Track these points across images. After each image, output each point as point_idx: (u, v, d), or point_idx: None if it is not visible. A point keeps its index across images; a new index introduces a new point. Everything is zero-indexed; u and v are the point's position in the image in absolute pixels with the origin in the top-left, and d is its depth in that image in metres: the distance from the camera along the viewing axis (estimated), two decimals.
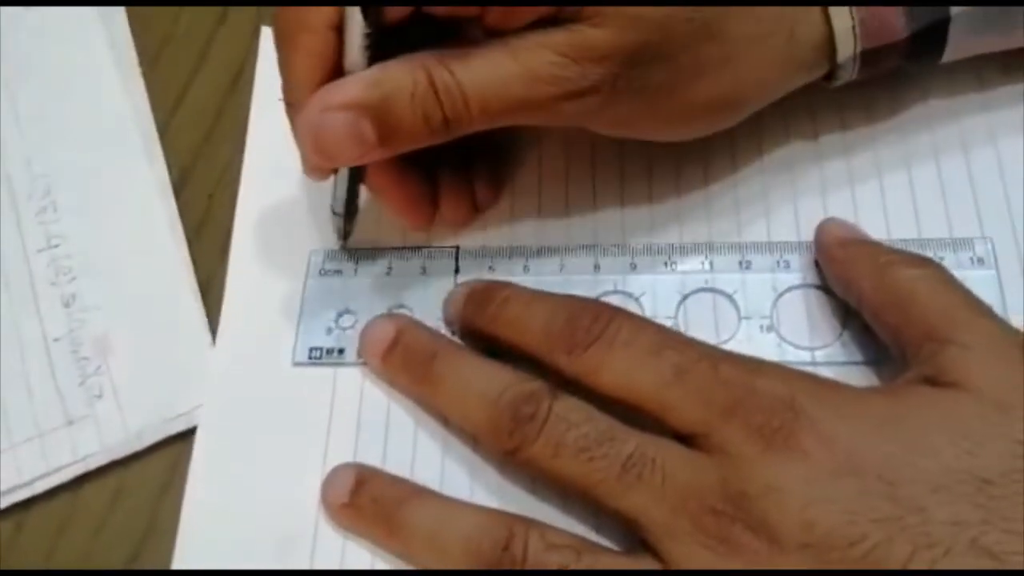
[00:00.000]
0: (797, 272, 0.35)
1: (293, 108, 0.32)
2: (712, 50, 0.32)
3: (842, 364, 0.33)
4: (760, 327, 0.34)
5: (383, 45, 0.31)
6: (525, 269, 0.36)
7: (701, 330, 0.34)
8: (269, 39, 0.42)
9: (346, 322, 0.36)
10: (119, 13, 0.44)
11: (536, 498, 0.32)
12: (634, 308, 0.35)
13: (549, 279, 0.36)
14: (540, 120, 0.32)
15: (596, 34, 0.30)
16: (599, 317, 0.31)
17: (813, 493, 0.27)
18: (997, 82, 0.38)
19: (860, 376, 0.33)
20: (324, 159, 0.31)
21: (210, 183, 0.40)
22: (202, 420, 0.35)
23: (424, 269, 0.37)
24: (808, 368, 0.31)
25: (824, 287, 0.34)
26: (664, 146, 0.36)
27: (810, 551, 0.26)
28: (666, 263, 0.36)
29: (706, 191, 0.37)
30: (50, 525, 0.34)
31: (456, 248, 0.37)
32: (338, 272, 0.37)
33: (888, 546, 0.26)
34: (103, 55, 0.43)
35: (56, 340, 0.37)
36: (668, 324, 0.34)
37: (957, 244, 0.35)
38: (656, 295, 0.35)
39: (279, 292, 0.37)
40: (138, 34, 0.43)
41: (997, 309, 0.30)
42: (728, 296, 0.35)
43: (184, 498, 0.33)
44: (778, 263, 0.35)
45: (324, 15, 0.31)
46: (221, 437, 0.34)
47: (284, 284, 0.37)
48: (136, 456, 0.35)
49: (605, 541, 0.31)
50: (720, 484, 0.28)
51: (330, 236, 0.37)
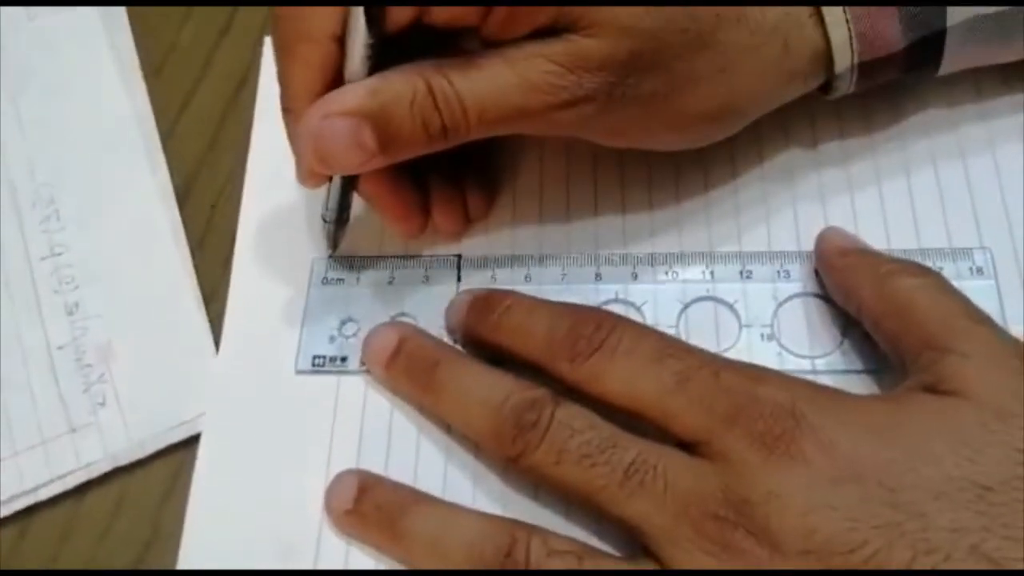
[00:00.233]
0: (797, 281, 0.35)
1: (291, 115, 0.33)
2: (706, 60, 0.32)
3: (842, 373, 0.33)
4: (761, 336, 0.34)
5: (382, 56, 0.31)
6: (527, 278, 0.36)
7: (702, 339, 0.34)
8: (272, 49, 0.42)
9: (349, 330, 0.36)
10: (123, 22, 0.44)
11: (538, 504, 0.32)
12: (636, 317, 0.35)
13: (551, 288, 0.36)
14: (537, 129, 0.33)
15: (591, 44, 0.31)
16: (601, 325, 0.31)
17: (814, 500, 0.27)
18: (995, 92, 0.38)
19: (860, 385, 0.33)
20: (325, 166, 0.32)
21: (213, 192, 0.40)
22: (205, 428, 0.35)
23: (426, 278, 0.37)
24: (808, 377, 0.31)
25: (824, 296, 0.35)
26: (664, 155, 0.37)
27: (811, 557, 0.27)
28: (667, 272, 0.36)
29: (706, 199, 0.37)
30: (53, 532, 0.34)
31: (458, 257, 0.37)
32: (341, 280, 0.37)
33: (888, 552, 0.26)
34: (107, 64, 0.43)
35: (59, 348, 0.37)
36: (669, 333, 0.34)
37: (956, 254, 0.35)
38: (657, 304, 0.35)
39: (282, 300, 0.37)
40: (142, 43, 0.44)
41: (996, 319, 0.30)
42: (729, 305, 0.35)
43: (188, 505, 0.33)
44: (778, 272, 0.35)
45: (324, 25, 0.31)
46: (224, 445, 0.35)
47: (287, 292, 0.37)
48: (139, 463, 0.35)
49: (607, 547, 0.31)
50: (722, 491, 0.28)
51: None
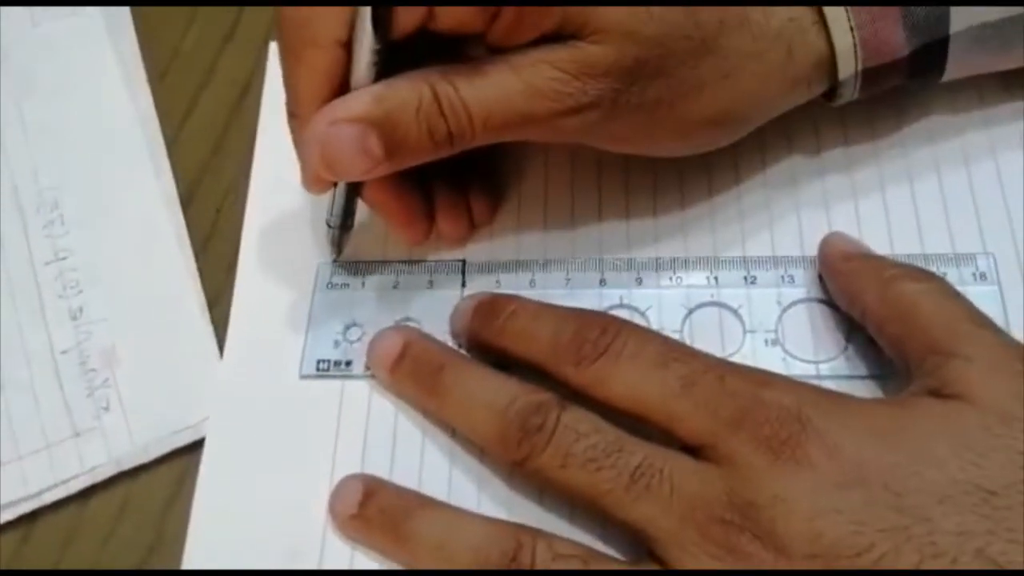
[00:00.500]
0: (801, 286, 0.35)
1: (297, 121, 0.33)
2: (710, 65, 0.32)
3: (846, 378, 0.33)
4: (765, 341, 0.34)
5: (389, 62, 0.31)
6: (531, 283, 0.36)
7: (706, 344, 0.34)
8: (276, 55, 0.42)
9: (353, 335, 0.36)
10: (127, 27, 0.44)
11: (543, 508, 0.32)
12: (640, 322, 0.35)
13: (555, 292, 0.36)
14: (542, 136, 0.33)
15: (596, 50, 0.31)
16: (606, 329, 0.31)
17: (820, 504, 0.27)
18: (997, 99, 0.38)
19: (864, 390, 0.33)
20: (331, 172, 0.32)
21: (217, 197, 0.40)
22: (209, 432, 0.35)
23: (431, 282, 0.37)
24: (813, 382, 0.31)
25: (828, 301, 0.35)
26: (668, 161, 0.37)
27: (817, 561, 0.27)
28: (672, 277, 0.36)
29: (710, 204, 0.37)
30: (57, 537, 0.34)
31: (463, 262, 0.37)
32: (345, 285, 0.37)
33: (895, 556, 0.26)
34: (111, 69, 0.43)
35: (63, 352, 0.37)
36: (674, 338, 0.34)
37: (960, 259, 0.35)
38: (662, 309, 0.35)
39: (286, 305, 0.37)
40: (146, 48, 0.44)
41: (999, 324, 0.30)
42: (733, 310, 0.35)
43: (192, 510, 0.33)
44: (783, 277, 0.35)
45: (331, 31, 0.31)
46: (228, 449, 0.34)
47: (291, 297, 0.37)
48: (143, 468, 0.35)
49: (612, 551, 0.31)
50: (727, 494, 0.28)
51: None
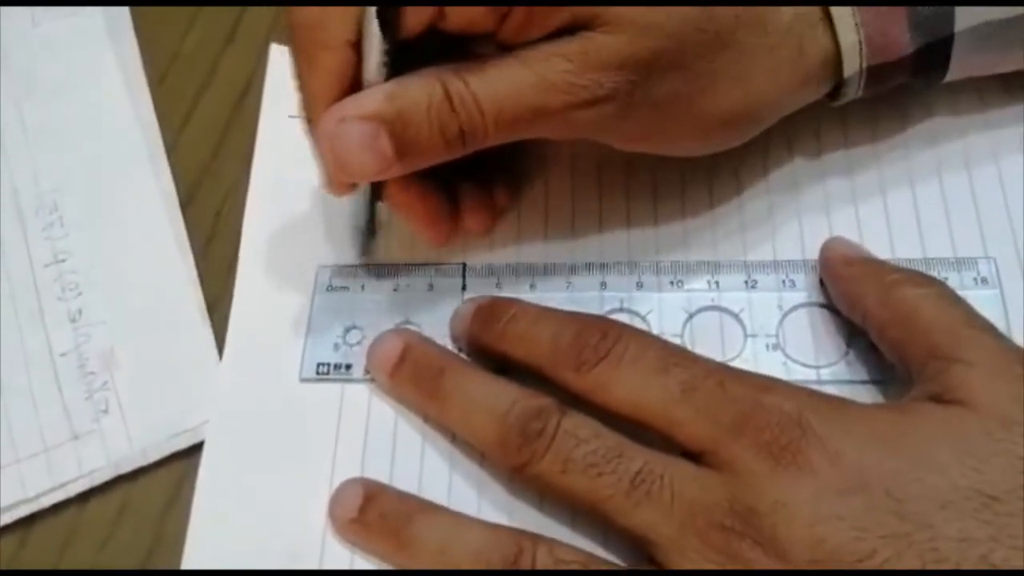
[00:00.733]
0: (802, 291, 0.35)
1: (313, 124, 0.32)
2: (726, 60, 0.32)
3: (847, 383, 0.33)
4: (766, 345, 0.34)
5: (401, 61, 0.31)
6: (532, 287, 0.36)
7: (707, 348, 0.34)
8: (276, 57, 0.42)
9: (353, 338, 0.36)
10: (127, 29, 0.44)
11: (544, 514, 0.32)
12: (640, 326, 0.35)
13: (556, 296, 0.36)
14: (555, 131, 0.32)
15: (609, 42, 0.30)
16: (607, 334, 0.31)
17: (821, 509, 0.27)
18: (999, 103, 0.38)
19: (865, 395, 0.33)
20: (342, 172, 0.31)
21: (217, 199, 0.40)
22: (209, 435, 0.35)
23: (431, 286, 0.37)
24: (814, 387, 0.31)
25: (829, 306, 0.35)
26: (670, 164, 0.37)
27: (819, 567, 0.26)
28: (672, 281, 0.36)
29: (711, 208, 0.37)
30: (55, 540, 0.34)
31: (463, 265, 0.37)
32: (345, 288, 0.37)
33: (897, 562, 0.26)
34: (111, 72, 0.43)
35: (62, 355, 0.37)
36: (674, 342, 0.34)
37: (961, 264, 0.35)
38: (663, 313, 0.35)
39: (286, 308, 0.37)
40: (146, 51, 0.44)
41: (1001, 328, 0.30)
42: (734, 315, 0.35)
43: (191, 514, 0.33)
44: (783, 282, 0.35)
45: (340, 32, 0.31)
46: (228, 452, 0.34)
47: (291, 300, 0.37)
48: (142, 471, 0.35)
49: (613, 557, 0.31)
50: (728, 500, 0.28)
51: (338, 252, 0.37)
